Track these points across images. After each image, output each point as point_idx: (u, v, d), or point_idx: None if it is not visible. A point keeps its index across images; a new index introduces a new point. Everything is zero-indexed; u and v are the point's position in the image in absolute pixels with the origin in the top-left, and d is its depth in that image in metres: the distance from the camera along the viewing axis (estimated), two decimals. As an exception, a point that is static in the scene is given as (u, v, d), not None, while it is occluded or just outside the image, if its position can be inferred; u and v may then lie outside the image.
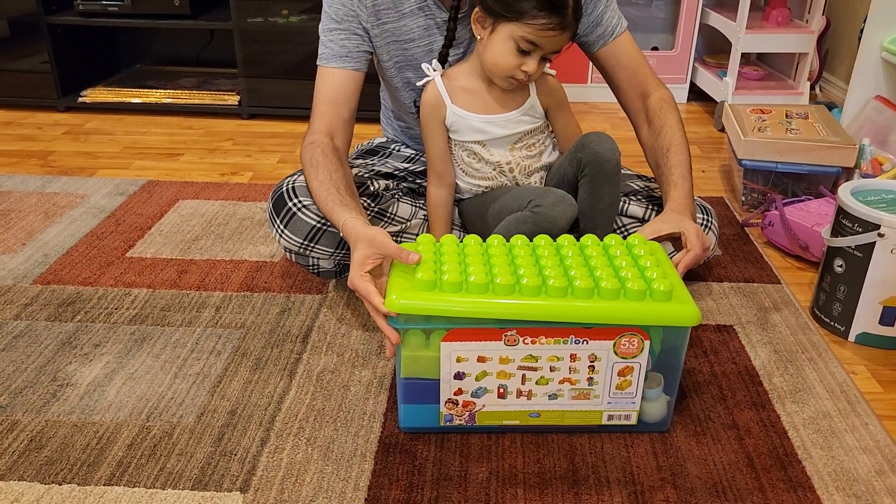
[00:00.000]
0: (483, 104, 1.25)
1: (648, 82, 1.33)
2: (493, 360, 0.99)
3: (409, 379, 1.02)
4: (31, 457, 1.00)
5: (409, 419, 1.05)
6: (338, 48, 1.24)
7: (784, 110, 1.89)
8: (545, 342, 0.97)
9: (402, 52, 1.28)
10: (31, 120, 2.42)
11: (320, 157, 1.18)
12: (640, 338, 0.97)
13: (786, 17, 2.36)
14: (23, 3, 2.37)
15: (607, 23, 1.28)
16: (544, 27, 1.11)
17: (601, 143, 1.19)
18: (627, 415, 1.04)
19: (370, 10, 1.23)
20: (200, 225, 1.68)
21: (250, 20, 2.35)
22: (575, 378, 1.00)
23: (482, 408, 1.03)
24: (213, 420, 1.07)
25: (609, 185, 1.20)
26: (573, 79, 2.60)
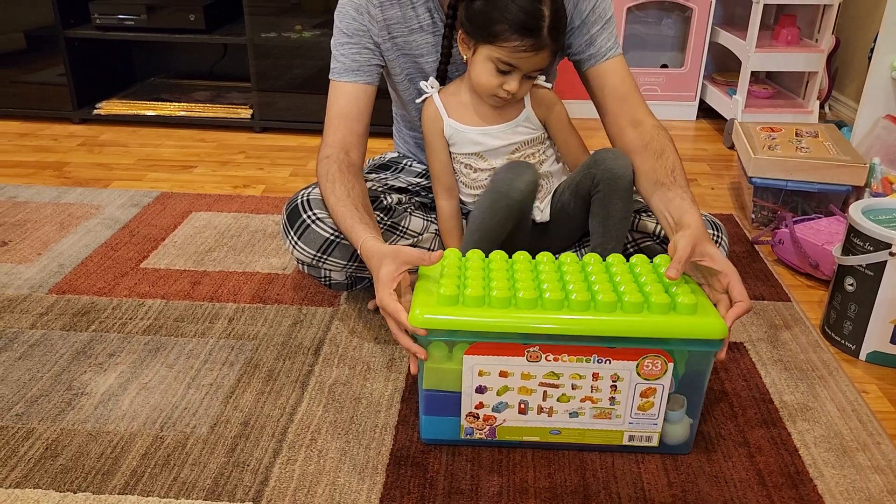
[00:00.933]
0: (479, 117, 1.27)
1: (640, 110, 1.28)
2: (515, 376, 0.99)
3: (432, 391, 1.02)
4: (46, 465, 1.01)
5: (430, 431, 1.06)
6: (349, 62, 1.26)
7: (794, 129, 1.90)
8: (568, 360, 0.97)
9: (413, 65, 1.30)
10: (47, 131, 2.45)
11: (336, 172, 1.20)
12: (663, 360, 0.97)
13: (795, 36, 2.38)
14: (41, 16, 2.41)
15: (600, 44, 1.27)
16: (517, 49, 1.13)
17: (615, 160, 1.20)
18: (649, 436, 1.04)
19: (381, 25, 1.25)
20: (213, 237, 1.70)
21: (264, 35, 2.38)
22: (597, 397, 1.00)
23: (503, 422, 1.03)
24: (226, 430, 1.08)
25: (622, 202, 1.21)
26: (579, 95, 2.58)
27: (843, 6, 2.39)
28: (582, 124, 1.39)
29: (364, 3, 1.24)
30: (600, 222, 1.23)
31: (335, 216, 1.18)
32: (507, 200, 1.19)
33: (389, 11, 1.25)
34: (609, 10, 1.28)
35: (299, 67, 2.43)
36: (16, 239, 1.68)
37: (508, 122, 1.27)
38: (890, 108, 1.94)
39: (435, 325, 0.95)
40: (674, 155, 1.22)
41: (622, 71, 1.29)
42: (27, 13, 2.42)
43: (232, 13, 2.54)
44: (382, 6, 1.25)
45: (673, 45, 2.70)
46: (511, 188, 1.19)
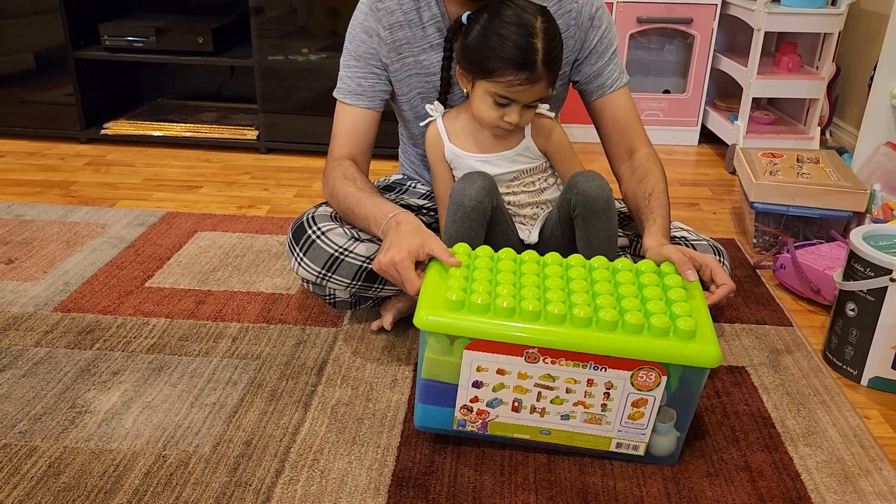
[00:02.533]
0: (478, 144, 1.29)
1: (638, 139, 1.35)
2: (512, 374, 1.01)
3: (429, 381, 1.05)
4: (48, 483, 1.01)
5: (424, 419, 1.08)
6: (354, 85, 1.30)
7: (795, 154, 1.92)
8: (564, 364, 0.99)
9: (424, 84, 1.32)
10: (55, 151, 2.47)
11: (354, 171, 1.27)
12: (657, 372, 0.98)
13: (796, 63, 2.40)
14: (51, 37, 2.44)
15: (607, 76, 1.32)
16: (512, 83, 1.15)
17: (588, 182, 1.21)
18: (636, 445, 1.05)
19: (390, 46, 1.28)
20: (218, 256, 1.71)
21: (271, 58, 2.41)
22: (589, 402, 1.02)
23: (495, 418, 1.05)
24: (229, 450, 1.08)
25: (601, 222, 1.22)
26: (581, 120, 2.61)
27: (844, 34, 2.42)
28: (584, 149, 1.41)
29: (374, 26, 1.27)
30: (585, 244, 1.25)
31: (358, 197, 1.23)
32: (464, 210, 1.21)
33: (399, 33, 1.27)
34: (615, 41, 1.32)
35: (305, 90, 2.45)
36: (22, 257, 1.69)
37: (507, 150, 1.28)
38: (890, 135, 1.96)
39: (438, 327, 0.99)
40: (655, 178, 1.28)
41: (626, 102, 1.35)
42: (38, 34, 2.46)
43: (240, 36, 2.57)
44: (392, 28, 1.27)
45: (675, 71, 2.73)
46: (463, 196, 1.20)
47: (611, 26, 1.31)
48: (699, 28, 2.51)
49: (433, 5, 1.26)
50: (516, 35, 1.13)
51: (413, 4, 1.26)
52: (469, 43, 1.17)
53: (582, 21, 1.26)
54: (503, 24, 1.14)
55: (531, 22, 1.14)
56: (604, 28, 1.28)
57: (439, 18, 1.26)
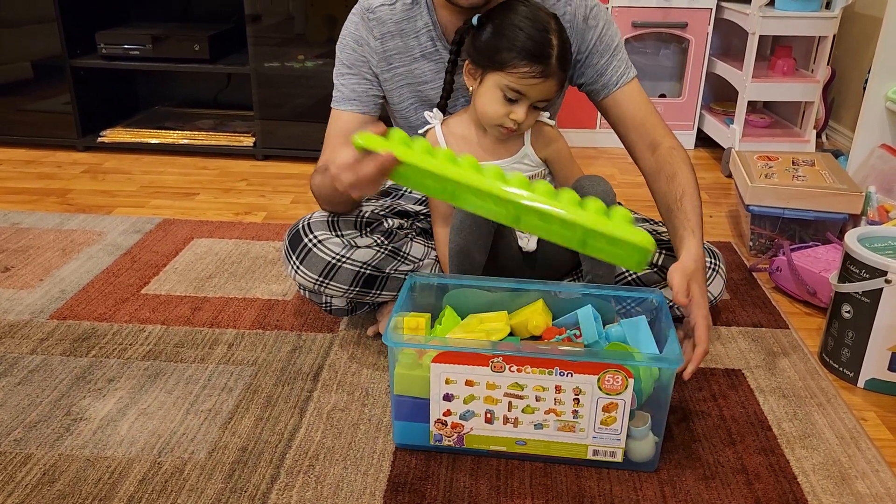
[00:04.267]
0: (477, 152, 1.28)
1: (657, 132, 1.31)
2: (481, 385, 1.01)
3: (402, 396, 1.06)
4: (43, 490, 1.01)
5: (402, 436, 1.09)
6: (348, 92, 1.30)
7: (791, 157, 1.92)
8: (530, 371, 0.99)
9: (416, 94, 1.32)
10: (52, 159, 2.47)
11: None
12: (623, 375, 0.98)
13: (791, 66, 2.41)
14: (48, 46, 2.45)
15: (611, 73, 1.30)
16: (526, 76, 1.14)
17: (593, 187, 1.20)
18: (613, 451, 1.05)
19: (380, 56, 1.28)
20: (214, 263, 1.71)
21: (267, 65, 2.42)
22: (560, 409, 1.02)
23: (470, 431, 1.06)
24: (224, 456, 1.08)
25: None
26: (581, 124, 2.64)
27: (838, 38, 2.43)
28: (583, 153, 1.41)
29: (364, 35, 1.27)
30: None
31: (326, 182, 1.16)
32: (472, 218, 1.20)
33: (390, 43, 1.27)
34: (615, 38, 1.30)
35: (301, 96, 2.46)
36: (18, 265, 1.69)
37: (507, 158, 1.28)
38: (885, 137, 1.96)
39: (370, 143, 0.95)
40: (686, 177, 1.25)
41: (636, 96, 1.32)
42: (34, 43, 2.46)
43: (236, 43, 2.58)
44: (383, 38, 1.27)
45: (671, 75, 2.73)
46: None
47: (609, 24, 1.29)
48: (694, 32, 2.52)
49: (425, 14, 1.26)
50: (533, 28, 1.14)
51: (405, 14, 1.26)
52: (483, 34, 1.17)
53: (577, 23, 1.26)
54: (520, 17, 1.15)
55: (546, 19, 1.16)
56: (601, 27, 1.28)
57: (431, 28, 1.27)
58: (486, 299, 1.19)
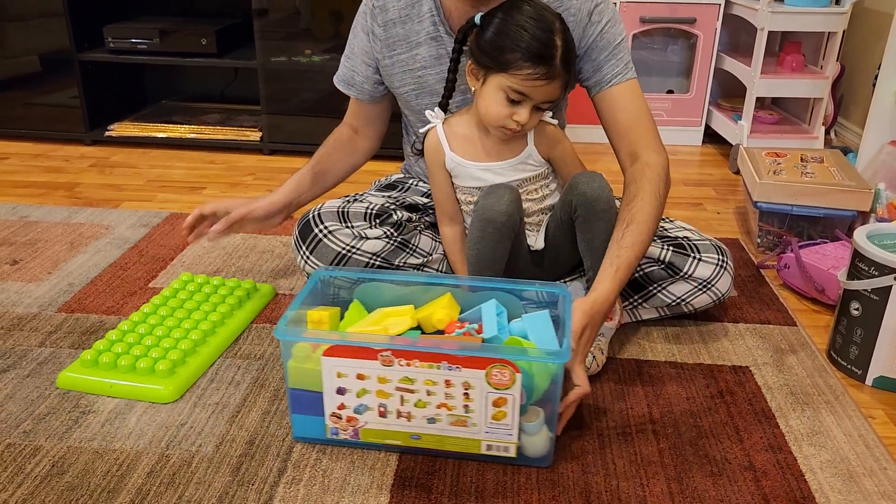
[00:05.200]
0: (480, 152, 1.27)
1: (641, 142, 1.24)
2: (372, 379, 1.02)
3: (297, 390, 1.06)
4: (52, 482, 1.01)
5: (299, 429, 1.10)
6: (346, 74, 1.40)
7: (799, 154, 1.91)
8: (419, 365, 0.99)
9: (416, 81, 1.32)
10: (59, 153, 2.48)
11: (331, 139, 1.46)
12: (511, 370, 0.97)
13: (800, 62, 2.40)
14: (56, 40, 2.45)
15: (607, 70, 1.26)
16: (530, 77, 1.13)
17: (588, 184, 1.20)
18: (506, 447, 1.04)
19: (384, 43, 1.30)
20: (221, 257, 1.71)
21: (274, 59, 2.42)
22: (451, 404, 1.02)
23: (365, 424, 1.06)
24: (232, 450, 1.08)
25: (602, 223, 1.21)
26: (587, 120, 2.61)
27: (848, 33, 2.41)
28: (589, 149, 1.40)
29: (369, 23, 1.30)
30: (587, 246, 1.24)
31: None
32: (494, 225, 1.20)
33: (393, 30, 1.29)
34: (618, 36, 1.27)
35: (308, 91, 2.46)
36: (27, 258, 1.69)
37: (510, 159, 1.27)
38: (895, 133, 1.95)
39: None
40: (644, 203, 1.17)
41: (629, 99, 1.26)
42: (43, 37, 2.47)
43: (243, 37, 2.58)
44: (386, 25, 1.29)
45: (679, 71, 2.72)
46: (494, 213, 1.19)
47: (614, 22, 1.26)
48: (702, 28, 2.51)
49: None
50: (537, 29, 1.12)
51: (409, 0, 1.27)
52: (487, 34, 1.16)
53: (581, 17, 1.25)
54: (524, 18, 1.13)
55: (551, 20, 1.14)
56: (604, 23, 1.26)
57: (435, 13, 1.27)
58: (396, 294, 1.18)
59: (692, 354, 1.34)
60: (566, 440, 1.11)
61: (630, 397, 1.22)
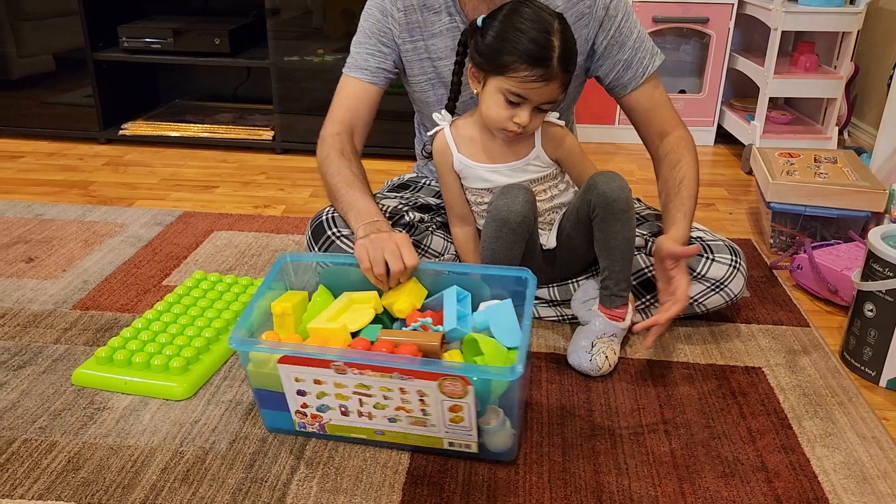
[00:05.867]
0: (487, 154, 1.28)
1: (669, 121, 1.36)
2: (328, 384, 1.02)
3: (260, 390, 1.08)
4: (68, 477, 1.02)
5: (270, 422, 1.12)
6: (361, 60, 1.34)
7: (812, 154, 1.90)
8: (372, 375, 0.99)
9: (433, 69, 1.33)
10: (74, 151, 2.50)
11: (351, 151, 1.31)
12: (462, 383, 0.97)
13: (814, 62, 2.38)
14: (71, 39, 2.47)
15: (637, 65, 1.31)
16: (527, 79, 1.13)
17: (608, 183, 1.20)
18: (468, 444, 1.05)
19: (403, 27, 1.30)
20: (234, 255, 1.72)
21: (287, 59, 2.43)
22: (409, 408, 1.02)
23: (329, 420, 1.07)
24: (245, 447, 1.09)
25: (620, 223, 1.22)
26: (600, 120, 2.63)
27: (862, 33, 2.40)
28: (599, 149, 1.41)
29: (388, 7, 1.30)
30: (603, 246, 1.24)
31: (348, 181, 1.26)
32: (509, 226, 1.20)
33: (412, 16, 1.29)
34: (635, 28, 1.31)
35: (320, 90, 2.46)
36: (42, 255, 1.71)
37: (517, 160, 1.28)
38: (909, 134, 1.94)
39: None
40: (688, 165, 1.31)
41: (656, 86, 1.36)
42: (58, 36, 2.49)
43: (256, 37, 2.59)
44: (406, 10, 1.29)
45: (691, 70, 2.71)
46: (509, 213, 1.20)
47: (629, 14, 1.30)
48: (715, 27, 2.50)
49: None
50: (534, 31, 1.12)
51: None
52: (486, 38, 1.16)
53: (596, 11, 1.26)
54: (521, 20, 1.13)
55: (549, 21, 1.14)
56: (620, 18, 1.27)
57: (451, 4, 1.28)
58: (361, 277, 1.17)
59: (704, 355, 1.34)
60: (578, 440, 1.11)
61: (642, 398, 1.22)
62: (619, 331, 1.29)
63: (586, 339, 1.27)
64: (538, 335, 1.39)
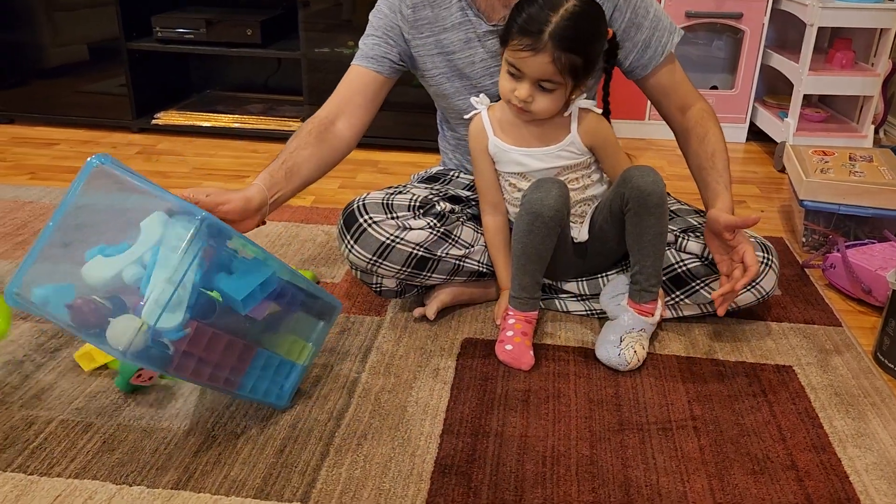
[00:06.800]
0: (522, 138, 1.29)
1: (690, 96, 1.38)
2: None
3: None
4: (103, 458, 1.05)
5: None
6: (367, 50, 1.36)
7: (847, 153, 1.87)
8: None
9: (447, 63, 1.34)
10: (107, 139, 2.54)
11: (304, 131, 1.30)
12: None
13: (850, 59, 2.35)
14: (106, 29, 2.51)
15: (655, 44, 1.32)
16: (516, 47, 1.17)
17: (643, 177, 1.20)
18: None
19: (411, 24, 1.32)
20: (264, 244, 1.74)
21: (317, 50, 2.44)
22: None
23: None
24: (275, 432, 1.11)
25: (653, 218, 1.22)
26: (630, 115, 2.61)
27: (901, 30, 2.35)
28: (631, 144, 1.41)
29: (397, 3, 1.31)
30: (635, 240, 1.24)
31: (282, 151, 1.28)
32: (542, 220, 1.21)
33: (422, 12, 1.31)
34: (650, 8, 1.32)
35: (350, 82, 2.47)
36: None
37: (552, 145, 1.28)
38: (948, 133, 1.90)
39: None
40: (716, 137, 1.33)
41: (672, 65, 1.36)
42: (93, 26, 2.52)
43: (287, 29, 2.61)
44: (415, 7, 1.31)
45: (723, 66, 2.68)
46: (543, 206, 1.21)
47: None
48: (749, 23, 2.47)
49: None
50: (537, 7, 1.15)
51: None
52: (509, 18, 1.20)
53: None
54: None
55: (561, 2, 1.15)
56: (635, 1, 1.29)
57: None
58: None
59: (734, 352, 1.33)
60: (606, 433, 1.11)
61: (671, 393, 1.21)
62: (648, 326, 1.29)
63: (615, 333, 1.26)
64: (566, 329, 1.39)
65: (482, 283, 1.44)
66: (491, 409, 1.16)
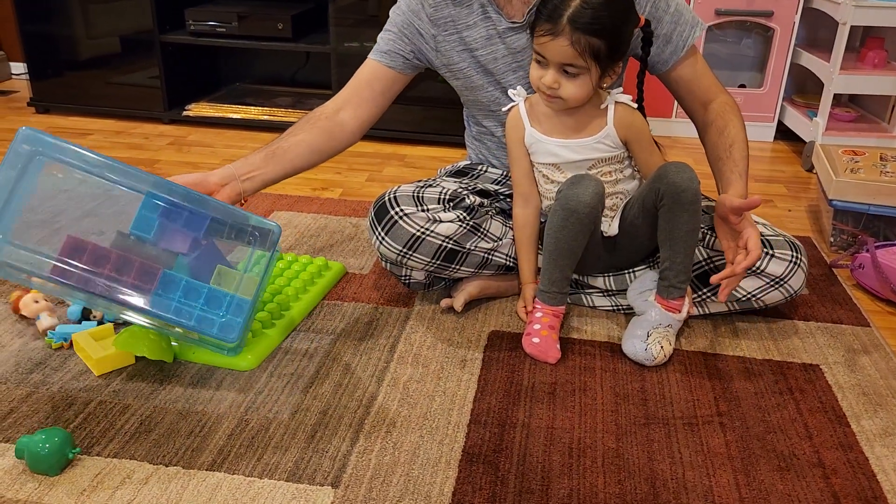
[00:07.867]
0: (559, 129, 1.30)
1: (711, 89, 1.38)
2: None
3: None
4: (140, 438, 1.08)
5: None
6: (382, 45, 1.39)
7: (878, 153, 1.86)
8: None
9: (472, 58, 1.36)
10: (139, 130, 2.58)
11: (304, 118, 1.38)
12: None
13: (883, 58, 2.32)
14: (140, 21, 2.55)
15: (678, 38, 1.32)
16: (538, 33, 1.19)
17: (679, 174, 1.21)
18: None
19: (434, 22, 1.34)
20: (294, 235, 1.77)
21: (346, 45, 2.46)
22: None
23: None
24: (306, 418, 1.13)
25: (687, 214, 1.22)
26: (658, 113, 2.61)
27: (935, 30, 2.33)
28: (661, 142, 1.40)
29: (416, 4, 1.32)
30: (667, 236, 1.25)
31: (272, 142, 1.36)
32: (577, 216, 1.22)
33: (444, 11, 1.33)
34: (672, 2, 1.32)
35: (378, 77, 2.49)
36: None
37: (588, 137, 1.29)
38: (982, 135, 1.88)
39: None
40: (735, 129, 1.33)
41: (694, 59, 1.36)
42: (128, 19, 2.57)
43: (317, 23, 2.63)
44: (437, 6, 1.33)
45: (752, 65, 2.67)
46: (578, 203, 1.22)
47: None
48: (780, 21, 2.45)
49: None
50: None
51: None
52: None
53: None
54: None
55: None
56: None
57: None
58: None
59: (761, 350, 1.33)
60: (632, 427, 1.12)
61: (697, 389, 1.22)
62: (675, 322, 1.29)
63: (642, 328, 1.27)
64: (593, 324, 1.40)
65: (509, 276, 1.45)
66: (518, 401, 1.18)
